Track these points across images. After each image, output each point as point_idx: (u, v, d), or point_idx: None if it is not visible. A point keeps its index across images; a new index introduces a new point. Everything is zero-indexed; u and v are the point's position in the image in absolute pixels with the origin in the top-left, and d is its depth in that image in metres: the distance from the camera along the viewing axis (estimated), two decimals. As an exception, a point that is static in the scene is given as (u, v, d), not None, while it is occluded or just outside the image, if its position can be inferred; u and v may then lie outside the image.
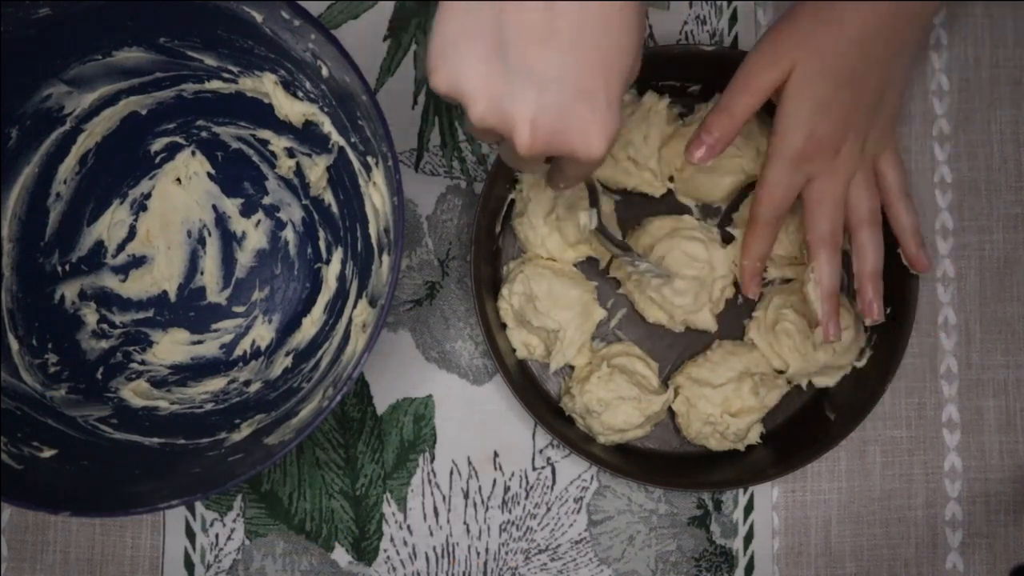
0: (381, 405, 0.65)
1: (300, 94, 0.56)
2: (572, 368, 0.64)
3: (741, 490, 0.65)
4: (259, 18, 0.51)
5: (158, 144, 0.62)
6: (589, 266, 0.65)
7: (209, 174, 0.64)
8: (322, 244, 0.63)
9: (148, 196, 0.64)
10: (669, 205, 0.65)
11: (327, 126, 0.57)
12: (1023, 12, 0.69)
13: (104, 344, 0.62)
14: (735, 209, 0.66)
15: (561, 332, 0.61)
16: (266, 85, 0.57)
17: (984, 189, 0.68)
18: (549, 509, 0.65)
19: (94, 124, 0.59)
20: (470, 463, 0.65)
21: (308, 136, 0.59)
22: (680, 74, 0.64)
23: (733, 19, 0.69)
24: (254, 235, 0.64)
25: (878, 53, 0.53)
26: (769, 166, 0.56)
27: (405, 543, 0.64)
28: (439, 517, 0.65)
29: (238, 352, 0.64)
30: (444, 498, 0.65)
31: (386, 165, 0.50)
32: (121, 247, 0.64)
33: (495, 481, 0.65)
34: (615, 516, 0.65)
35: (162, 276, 0.64)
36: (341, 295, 0.61)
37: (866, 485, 0.66)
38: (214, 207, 0.64)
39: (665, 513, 0.65)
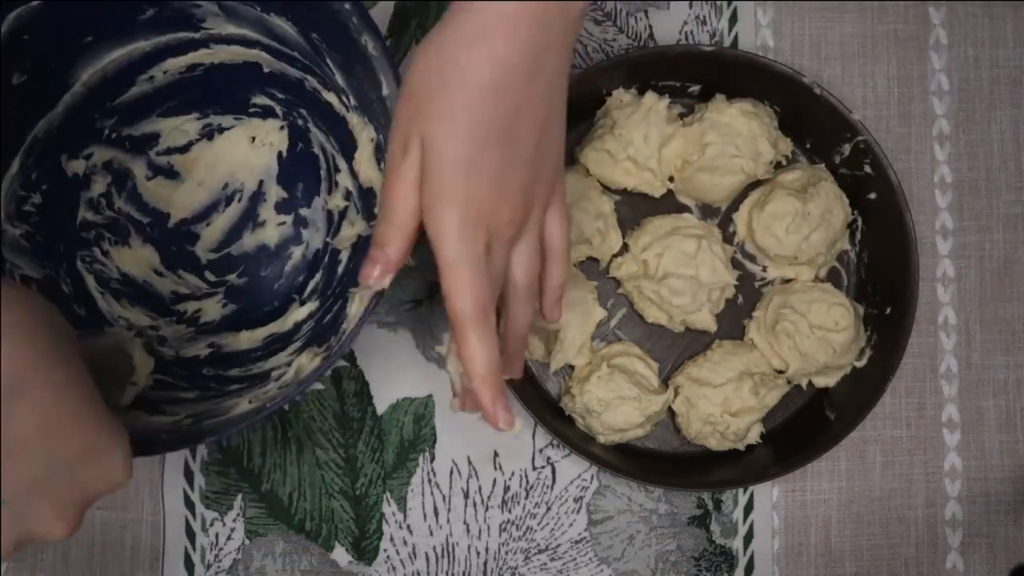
0: (381, 405, 0.65)
1: (380, 164, 0.57)
2: (572, 368, 0.64)
3: (741, 490, 0.65)
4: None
5: (260, 99, 0.63)
6: (589, 266, 0.65)
7: (280, 153, 0.64)
8: (311, 285, 0.63)
9: (220, 131, 0.64)
10: (669, 205, 0.65)
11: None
12: (1023, 12, 0.69)
13: (90, 215, 0.62)
14: (735, 209, 0.66)
15: (561, 332, 0.61)
16: (364, 136, 0.58)
17: (984, 189, 0.68)
18: (549, 509, 0.65)
19: (221, 49, 0.59)
20: (470, 463, 0.65)
21: (365, 197, 0.60)
22: (680, 74, 0.64)
23: (733, 19, 0.69)
24: (271, 230, 0.64)
25: (516, 98, 0.42)
26: (438, 249, 0.44)
27: (405, 543, 0.64)
28: (439, 517, 0.65)
29: (181, 307, 0.63)
30: (444, 498, 0.65)
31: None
32: (168, 152, 0.64)
33: (495, 481, 0.65)
34: (615, 516, 0.65)
35: (179, 200, 0.64)
36: (289, 338, 0.61)
37: (866, 485, 0.66)
38: (260, 182, 0.64)
39: (665, 513, 0.65)
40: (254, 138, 0.64)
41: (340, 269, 0.62)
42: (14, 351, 0.36)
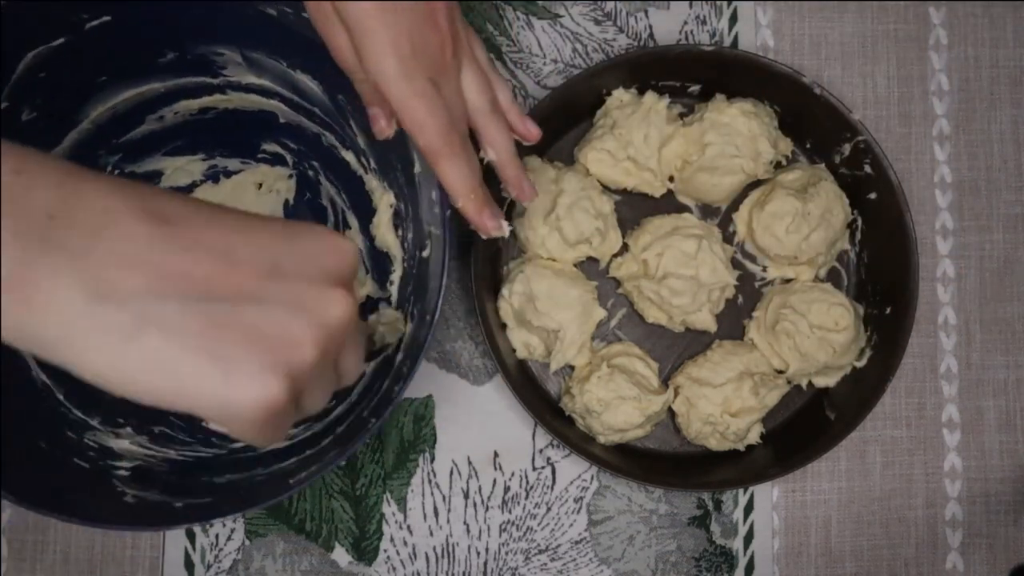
0: (381, 405, 0.65)
1: (398, 230, 0.57)
2: (572, 368, 0.64)
3: (741, 490, 0.65)
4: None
5: (271, 147, 0.62)
6: (589, 266, 0.65)
7: (287, 201, 0.64)
8: None
9: (227, 175, 0.63)
10: (669, 205, 0.65)
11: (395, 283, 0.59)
12: (1023, 12, 0.69)
13: None
14: (735, 209, 0.66)
15: (561, 332, 0.61)
16: (384, 202, 0.58)
17: (984, 189, 0.68)
18: (549, 509, 0.65)
19: (237, 96, 0.59)
20: (470, 463, 0.65)
21: (378, 259, 0.60)
22: (680, 74, 0.64)
23: (733, 19, 0.69)
24: None
25: None
26: (387, 93, 0.45)
27: (405, 543, 0.64)
28: (439, 517, 0.65)
29: None
30: (444, 498, 0.65)
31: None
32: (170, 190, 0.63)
33: (495, 481, 0.65)
34: (615, 516, 0.65)
35: None
36: None
37: (866, 485, 0.66)
38: None
39: (665, 513, 0.65)
40: (261, 184, 0.64)
41: None
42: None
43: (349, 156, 0.59)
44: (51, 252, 0.30)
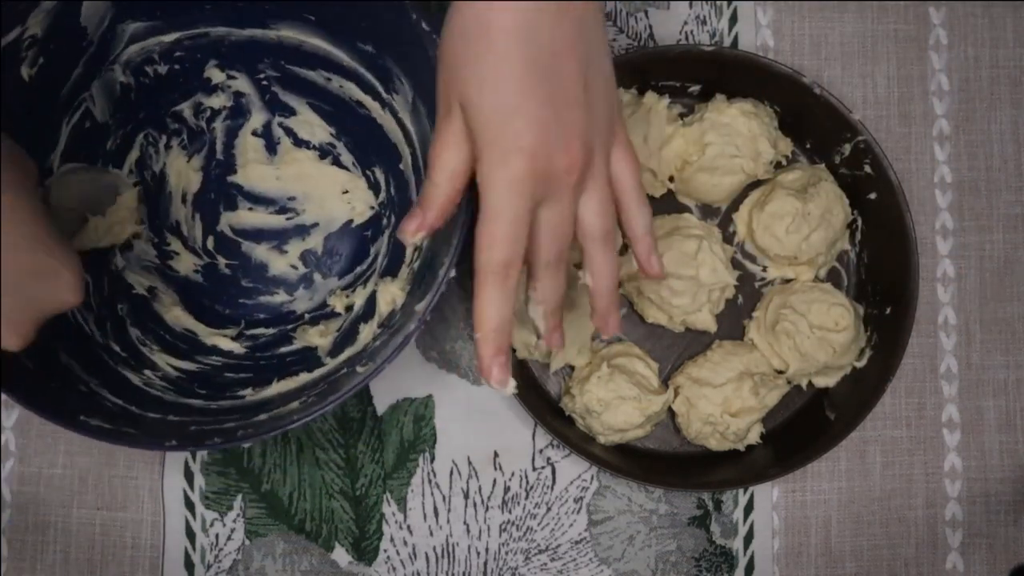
0: (381, 405, 0.65)
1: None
2: (572, 368, 0.64)
3: (741, 490, 0.65)
4: None
5: (378, 171, 0.64)
6: (589, 266, 0.65)
7: (351, 221, 0.65)
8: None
9: (335, 160, 0.65)
10: (669, 205, 0.65)
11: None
12: (1023, 12, 0.69)
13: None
14: (735, 209, 0.66)
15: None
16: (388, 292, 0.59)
17: (984, 189, 0.68)
18: (549, 509, 0.65)
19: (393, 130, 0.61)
20: (470, 463, 0.65)
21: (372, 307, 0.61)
22: (680, 74, 0.64)
23: (733, 19, 0.69)
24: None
25: (546, 38, 0.41)
26: (484, 199, 0.43)
27: (405, 543, 0.64)
28: (439, 517, 0.65)
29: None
30: (444, 498, 0.65)
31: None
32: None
33: (495, 481, 0.65)
34: (615, 516, 0.65)
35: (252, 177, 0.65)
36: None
37: (866, 485, 0.66)
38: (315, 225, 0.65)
39: (665, 513, 0.65)
40: (347, 191, 0.64)
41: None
42: None
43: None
44: None
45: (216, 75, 0.62)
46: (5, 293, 0.43)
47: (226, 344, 0.62)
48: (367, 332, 0.58)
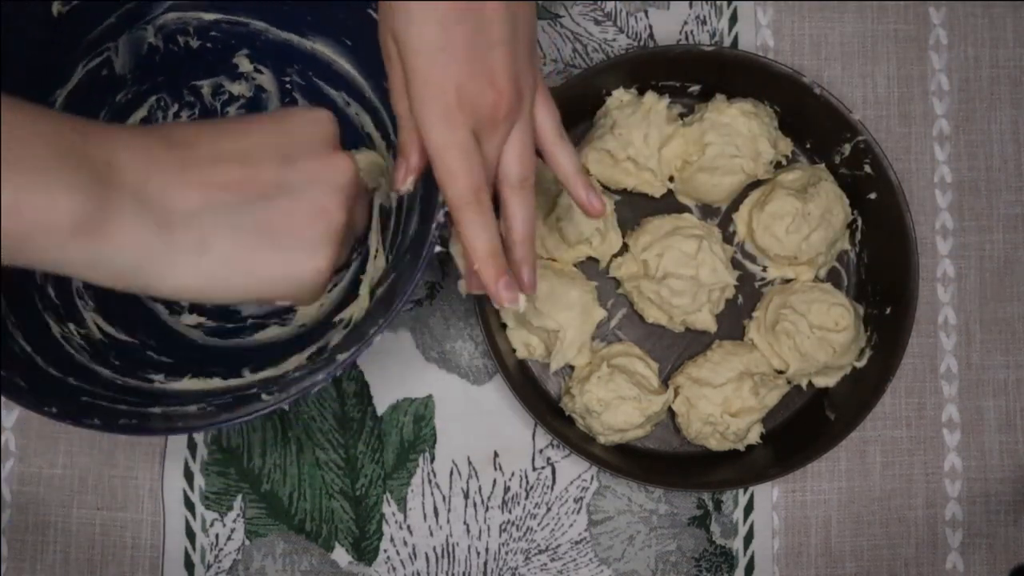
0: (381, 405, 0.65)
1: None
2: (572, 368, 0.64)
3: (741, 490, 0.65)
4: None
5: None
6: (589, 266, 0.65)
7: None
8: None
9: None
10: (669, 205, 0.65)
11: None
12: (1023, 12, 0.69)
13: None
14: (735, 209, 0.66)
15: (561, 332, 0.61)
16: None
17: (984, 189, 0.68)
18: (549, 509, 0.65)
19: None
20: (470, 463, 0.65)
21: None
22: (680, 74, 0.64)
23: (733, 19, 0.69)
24: None
25: None
26: (425, 137, 0.44)
27: (405, 543, 0.64)
28: (439, 517, 0.65)
29: None
30: (444, 498, 0.65)
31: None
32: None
33: (495, 481, 0.65)
34: (615, 516, 0.65)
35: None
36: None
37: (866, 485, 0.66)
38: None
39: (665, 513, 0.65)
40: None
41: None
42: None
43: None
44: (114, 194, 0.36)
45: (244, 64, 0.62)
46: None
47: (179, 320, 0.61)
48: (294, 360, 0.57)
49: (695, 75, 0.65)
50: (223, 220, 0.38)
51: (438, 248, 0.50)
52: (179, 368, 0.58)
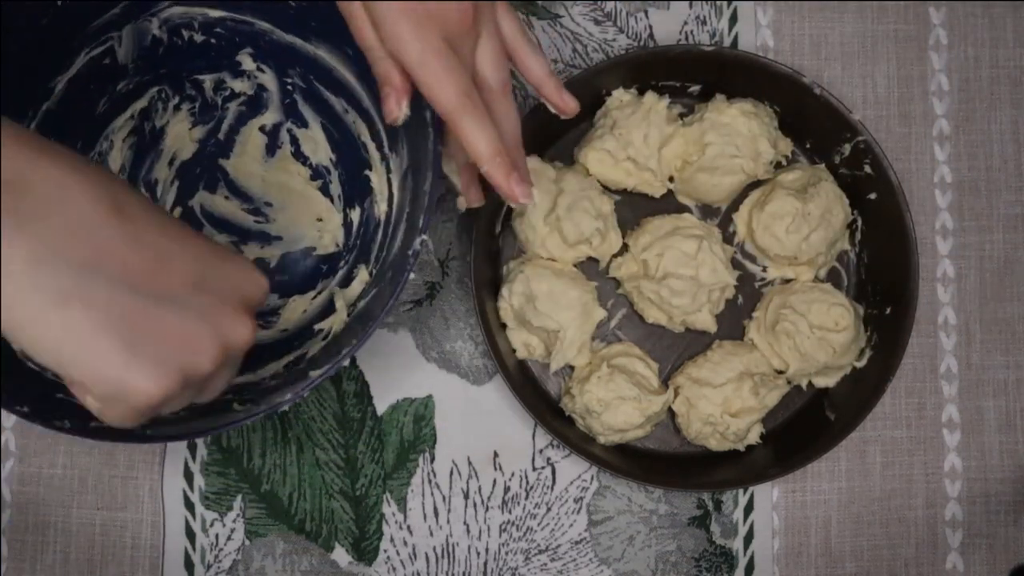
0: (381, 405, 0.65)
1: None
2: (572, 368, 0.64)
3: (741, 490, 0.65)
4: None
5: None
6: (589, 266, 0.65)
7: (337, 244, 0.64)
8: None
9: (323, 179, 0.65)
10: (669, 205, 0.65)
11: None
12: (1023, 12, 0.69)
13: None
14: (735, 209, 0.66)
15: (561, 332, 0.61)
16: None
17: (984, 189, 0.68)
18: (549, 509, 0.65)
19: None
20: (470, 463, 0.65)
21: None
22: (680, 74, 0.64)
23: (733, 19, 0.69)
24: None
25: None
26: (402, 57, 0.45)
27: (405, 543, 0.64)
28: (439, 517, 0.65)
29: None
30: (444, 498, 0.65)
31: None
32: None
33: (495, 481, 0.65)
34: (615, 516, 0.65)
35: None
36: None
37: (866, 485, 0.66)
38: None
39: (665, 513, 0.65)
40: (321, 219, 0.64)
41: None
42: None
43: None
44: (2, 214, 0.33)
45: (247, 63, 0.62)
46: (211, 281, 0.38)
47: None
48: (272, 367, 0.57)
49: (695, 75, 0.65)
50: (97, 290, 0.34)
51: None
52: None
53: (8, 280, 0.33)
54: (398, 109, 0.46)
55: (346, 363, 0.49)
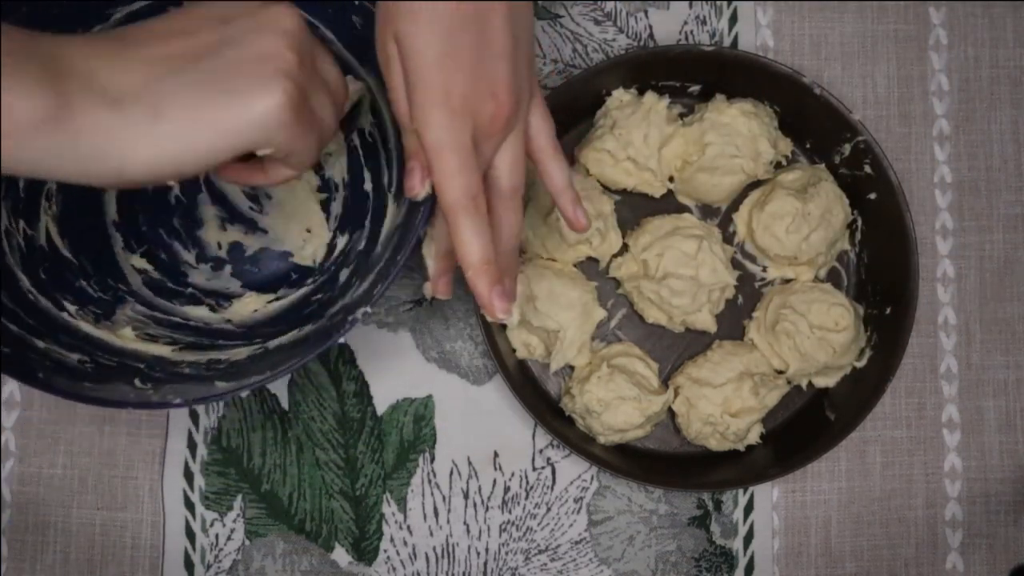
0: (381, 405, 0.65)
1: None
2: (572, 368, 0.64)
3: (741, 490, 0.65)
4: None
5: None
6: (589, 266, 0.65)
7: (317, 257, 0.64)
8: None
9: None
10: (669, 205, 0.65)
11: None
12: (1023, 12, 0.69)
13: None
14: (735, 209, 0.66)
15: (561, 332, 0.61)
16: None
17: (984, 189, 0.68)
18: (549, 509, 0.65)
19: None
20: (470, 463, 0.65)
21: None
22: (680, 74, 0.64)
23: (733, 19, 0.69)
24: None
25: None
26: (423, 138, 0.44)
27: (405, 543, 0.64)
28: (439, 517, 0.65)
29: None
30: (444, 498, 0.65)
31: None
32: None
33: (495, 481, 0.65)
34: (615, 516, 0.65)
35: None
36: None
37: (866, 485, 0.66)
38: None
39: (665, 513, 0.65)
40: (310, 231, 0.64)
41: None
42: None
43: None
44: (65, 83, 0.36)
45: None
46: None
47: (128, 259, 0.62)
48: (244, 350, 0.57)
49: (695, 75, 0.65)
50: (170, 86, 0.38)
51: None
52: (109, 309, 0.58)
53: (108, 133, 0.37)
54: (420, 187, 0.46)
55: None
